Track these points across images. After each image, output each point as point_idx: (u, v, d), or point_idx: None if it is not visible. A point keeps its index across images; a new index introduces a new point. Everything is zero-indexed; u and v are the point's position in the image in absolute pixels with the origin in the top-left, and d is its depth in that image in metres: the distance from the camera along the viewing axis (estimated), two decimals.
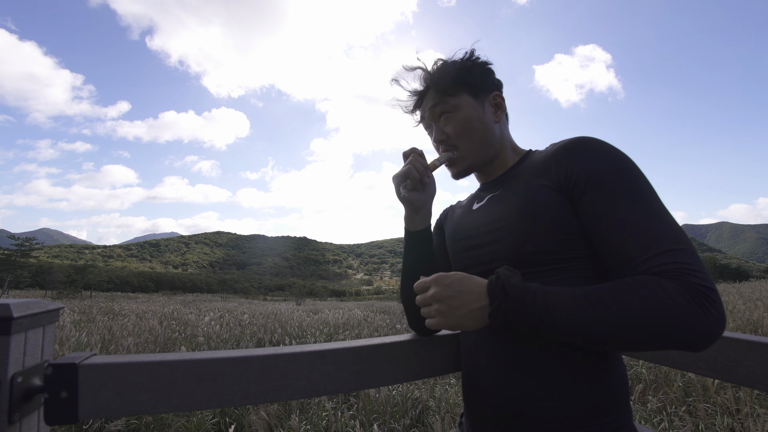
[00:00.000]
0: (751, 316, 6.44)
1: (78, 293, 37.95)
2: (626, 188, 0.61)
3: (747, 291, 12.38)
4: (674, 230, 0.57)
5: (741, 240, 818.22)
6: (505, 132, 0.84)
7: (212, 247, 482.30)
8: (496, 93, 0.82)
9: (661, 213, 0.59)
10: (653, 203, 0.60)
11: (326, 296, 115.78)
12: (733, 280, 32.62)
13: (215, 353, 0.64)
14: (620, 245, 0.59)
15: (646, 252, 0.56)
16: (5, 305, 0.51)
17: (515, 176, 0.76)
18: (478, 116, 0.79)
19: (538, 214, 0.66)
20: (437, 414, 2.96)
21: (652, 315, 0.51)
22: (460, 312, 0.58)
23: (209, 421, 2.95)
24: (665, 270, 0.54)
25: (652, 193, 0.61)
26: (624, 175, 0.62)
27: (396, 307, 16.80)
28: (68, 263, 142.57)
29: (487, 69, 0.82)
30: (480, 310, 0.58)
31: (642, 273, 0.56)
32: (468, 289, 0.58)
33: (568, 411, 0.60)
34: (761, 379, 0.71)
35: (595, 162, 0.64)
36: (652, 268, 0.55)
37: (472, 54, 0.81)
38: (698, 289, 0.51)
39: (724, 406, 2.88)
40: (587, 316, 0.53)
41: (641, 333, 0.52)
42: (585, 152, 0.65)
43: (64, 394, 0.56)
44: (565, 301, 0.55)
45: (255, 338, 7.19)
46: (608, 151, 0.64)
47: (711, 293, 0.51)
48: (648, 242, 0.56)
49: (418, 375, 0.82)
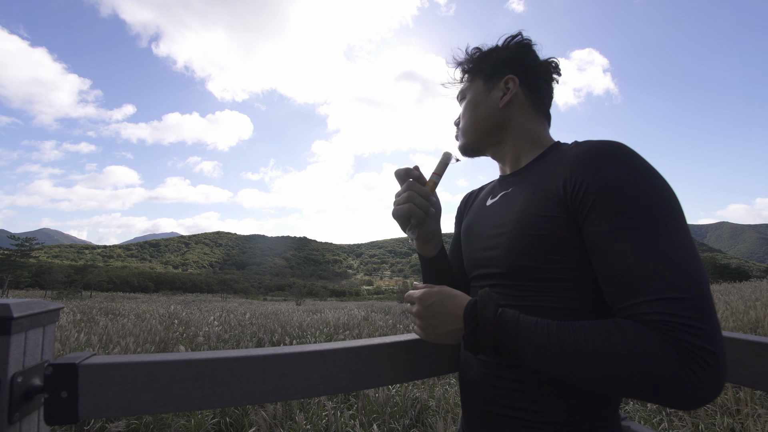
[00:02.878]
0: (751, 316, 6.44)
1: (78, 293, 37.94)
2: (636, 214, 0.51)
3: (747, 291, 12.38)
4: (682, 273, 0.48)
5: (741, 240, 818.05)
6: (517, 118, 0.76)
7: (212, 247, 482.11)
8: (509, 76, 0.75)
9: (672, 249, 0.49)
10: (667, 236, 0.50)
11: (326, 296, 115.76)
12: (733, 280, 32.64)
13: (215, 353, 0.64)
14: (615, 280, 0.52)
15: (638, 295, 0.49)
16: (5, 305, 0.50)
17: (529, 175, 0.70)
18: (480, 99, 0.79)
19: (533, 228, 0.62)
20: (437, 414, 2.95)
21: (621, 368, 0.47)
22: (438, 331, 0.63)
23: (209, 421, 2.95)
24: (652, 320, 0.47)
25: (670, 222, 0.51)
26: (638, 198, 0.52)
27: (396, 307, 16.78)
28: (68, 263, 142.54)
29: (509, 53, 0.77)
30: (456, 331, 0.61)
31: (629, 318, 0.50)
32: (446, 311, 0.62)
33: (553, 410, 0.60)
34: (761, 379, 0.71)
35: (611, 179, 0.54)
36: (639, 314, 0.49)
37: (511, 38, 0.78)
38: (687, 348, 0.45)
39: (724, 407, 2.88)
40: (555, 355, 0.51)
41: (606, 384, 0.49)
42: (603, 165, 0.56)
43: (64, 394, 0.56)
44: (535, 337, 0.53)
45: (255, 338, 7.19)
46: (632, 168, 0.54)
47: (704, 354, 0.44)
48: (643, 283, 0.49)
49: (418, 375, 0.82)
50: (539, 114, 0.77)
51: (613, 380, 0.48)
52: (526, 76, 0.76)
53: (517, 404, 0.63)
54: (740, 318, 6.36)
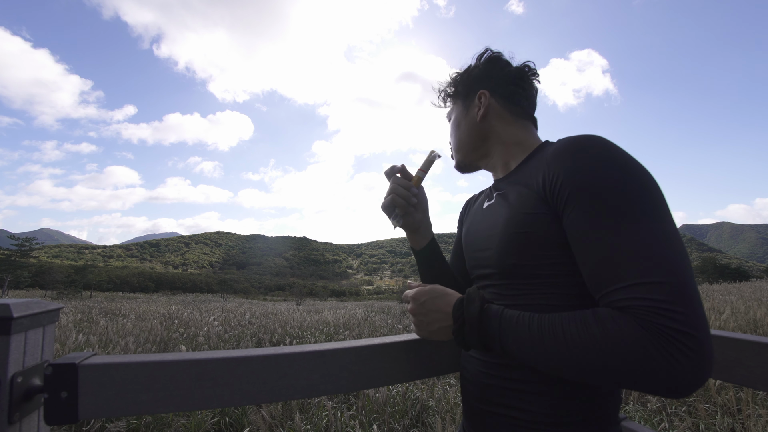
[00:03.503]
0: (751, 317, 6.44)
1: (78, 293, 37.94)
2: (611, 204, 0.51)
3: (747, 291, 12.38)
4: (658, 258, 0.47)
5: (741, 240, 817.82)
6: (497, 127, 0.79)
7: (212, 247, 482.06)
8: (480, 92, 0.80)
9: (648, 236, 0.49)
10: (643, 224, 0.50)
11: (326, 296, 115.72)
12: (733, 280, 32.65)
13: (215, 353, 0.64)
14: (593, 270, 0.52)
15: (614, 282, 0.49)
16: (5, 305, 0.50)
17: (518, 176, 0.73)
18: (460, 119, 0.85)
19: (520, 226, 0.64)
20: (437, 414, 2.95)
21: (597, 356, 0.47)
22: (430, 328, 0.67)
23: (209, 421, 2.95)
24: (629, 306, 0.47)
25: (646, 210, 0.51)
26: (612, 188, 0.52)
27: (396, 307, 16.78)
28: (68, 263, 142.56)
29: (478, 71, 0.83)
30: (447, 327, 0.65)
31: (607, 305, 0.50)
32: (437, 308, 0.66)
33: (553, 410, 0.61)
34: (761, 379, 0.71)
35: (585, 170, 0.55)
36: (616, 301, 0.49)
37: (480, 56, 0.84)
38: (665, 332, 0.44)
39: (724, 407, 2.88)
40: (536, 347, 0.53)
41: (585, 372, 0.49)
42: (577, 157, 0.57)
43: (64, 394, 0.56)
44: (518, 330, 0.55)
45: (255, 338, 7.19)
46: (605, 157, 0.55)
47: (683, 337, 0.43)
48: (619, 271, 0.49)
49: (418, 375, 0.82)
50: (520, 119, 0.80)
51: (591, 368, 0.48)
52: (497, 87, 0.80)
53: (518, 404, 0.63)
54: (740, 318, 6.36)
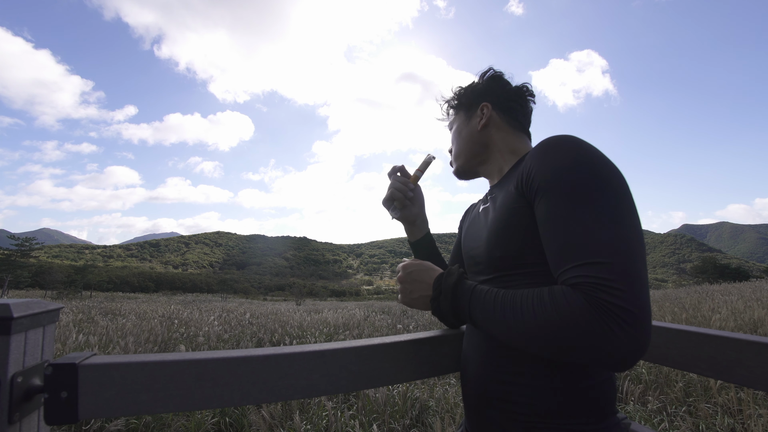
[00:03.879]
0: (751, 316, 6.44)
1: (78, 293, 37.94)
2: (572, 192, 0.56)
3: (747, 291, 12.38)
4: (608, 241, 0.52)
5: (741, 240, 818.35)
6: (495, 136, 0.88)
7: (212, 247, 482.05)
8: (483, 104, 0.89)
9: (602, 222, 0.53)
10: (600, 211, 0.54)
11: (326, 296, 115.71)
12: (733, 279, 32.65)
13: (215, 353, 0.64)
14: (552, 252, 0.57)
15: (568, 261, 0.54)
16: (5, 305, 0.50)
17: (507, 179, 0.79)
18: (461, 128, 0.93)
19: (503, 220, 0.70)
20: (437, 414, 2.95)
21: (548, 327, 0.52)
22: (412, 296, 0.76)
23: (209, 421, 2.95)
24: (579, 283, 0.51)
25: (606, 200, 0.55)
26: (575, 178, 0.57)
27: (396, 307, 16.79)
28: (68, 263, 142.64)
29: (482, 86, 0.91)
30: (426, 297, 0.74)
31: (562, 283, 0.55)
32: (422, 279, 0.75)
33: (554, 406, 0.62)
34: (761, 380, 0.71)
35: (551, 164, 0.60)
36: (568, 279, 0.53)
37: (483, 74, 0.93)
38: (606, 306, 0.48)
39: (725, 407, 2.88)
40: (497, 318, 0.58)
41: (536, 342, 0.54)
42: (546, 154, 0.63)
43: (64, 394, 0.56)
44: (485, 302, 0.61)
45: (255, 338, 7.19)
46: (569, 152, 0.60)
47: (622, 312, 0.47)
48: (572, 252, 0.54)
49: (418, 375, 0.82)
50: (516, 131, 0.88)
51: (542, 338, 0.53)
52: (498, 101, 0.89)
53: (518, 399, 0.64)
54: (740, 318, 6.36)
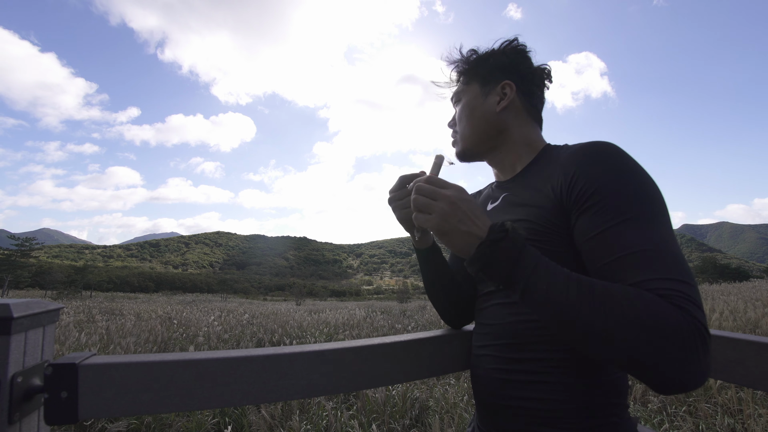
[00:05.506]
0: (750, 316, 6.44)
1: (78, 293, 37.92)
2: (636, 206, 0.55)
3: (747, 291, 12.37)
4: (684, 263, 0.52)
5: (741, 240, 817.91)
6: (513, 123, 0.78)
7: (212, 248, 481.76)
8: (506, 82, 0.77)
9: (672, 241, 0.53)
10: (666, 229, 0.54)
11: (326, 296, 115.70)
12: (733, 280, 32.62)
13: (215, 353, 0.64)
14: (621, 264, 0.53)
15: (654, 273, 0.50)
16: (5, 305, 0.50)
17: (526, 178, 0.74)
18: (477, 104, 0.80)
19: (533, 229, 0.65)
20: (437, 414, 2.95)
21: (633, 325, 0.46)
22: (460, 226, 0.56)
23: (209, 421, 2.95)
24: (669, 295, 0.48)
25: (665, 216, 0.56)
26: (636, 192, 0.56)
27: (396, 307, 16.77)
28: (68, 263, 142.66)
29: (505, 59, 0.78)
30: (473, 237, 0.56)
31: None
32: (476, 215, 0.57)
33: (567, 404, 0.61)
34: (761, 380, 0.71)
35: (603, 176, 0.58)
36: (658, 289, 0.49)
37: (507, 43, 0.80)
38: (699, 327, 0.46)
39: (725, 407, 2.88)
40: (569, 297, 0.49)
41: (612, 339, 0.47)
42: (596, 163, 0.60)
43: (64, 394, 0.56)
44: (556, 274, 0.52)
45: (255, 338, 7.19)
46: (622, 164, 0.58)
47: (707, 338, 0.46)
48: (653, 264, 0.51)
49: (418, 375, 0.82)
50: (532, 119, 0.80)
51: (621, 336, 0.46)
52: (522, 83, 0.78)
53: (532, 395, 0.64)
54: (740, 318, 6.36)
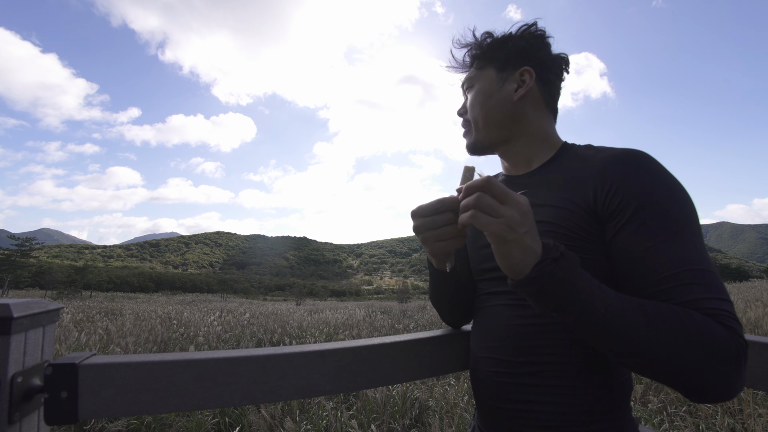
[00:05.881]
0: (750, 316, 6.44)
1: (78, 293, 37.91)
2: (682, 223, 0.55)
3: (747, 291, 12.37)
4: (720, 280, 0.53)
5: (741, 240, 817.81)
6: (530, 115, 0.73)
7: (212, 248, 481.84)
8: (525, 69, 0.72)
9: (708, 257, 0.54)
10: (703, 245, 0.55)
11: (326, 296, 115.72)
12: (734, 279, 32.63)
13: (215, 353, 0.64)
14: (665, 281, 0.53)
15: (700, 293, 0.51)
16: (5, 305, 0.50)
17: (546, 177, 0.69)
18: (492, 91, 0.74)
19: (561, 233, 0.62)
20: (437, 414, 2.95)
21: (686, 344, 0.47)
22: (525, 239, 0.49)
23: (209, 421, 2.95)
24: (717, 315, 0.50)
25: (700, 231, 0.56)
26: (676, 208, 0.56)
27: (396, 307, 16.77)
28: (68, 263, 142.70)
29: (525, 43, 0.73)
30: (533, 254, 0.49)
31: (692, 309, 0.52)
32: (536, 231, 0.51)
33: (569, 407, 0.61)
34: (761, 380, 0.71)
35: (646, 188, 0.57)
36: (704, 309, 0.50)
37: (526, 27, 0.74)
38: (745, 348, 0.49)
39: (725, 407, 2.88)
40: (625, 318, 0.48)
41: (665, 359, 0.47)
42: (637, 174, 0.58)
43: (64, 394, 0.56)
44: (608, 294, 0.50)
45: (255, 338, 7.19)
46: (661, 177, 0.58)
47: (745, 360, 0.48)
48: (702, 284, 0.51)
49: (418, 375, 0.82)
50: (549, 111, 0.75)
51: (685, 357, 0.47)
52: (541, 70, 0.73)
53: (534, 398, 0.63)
54: (740, 318, 6.36)
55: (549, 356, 0.63)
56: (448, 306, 0.84)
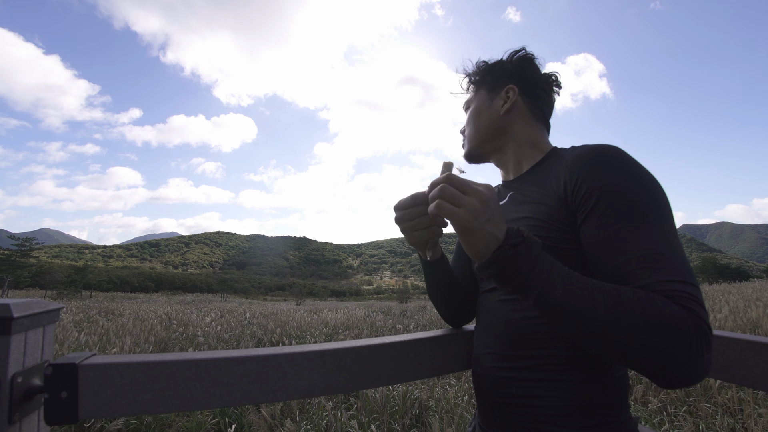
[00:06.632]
0: (751, 316, 6.44)
1: (78, 293, 37.90)
2: (642, 211, 0.56)
3: (747, 291, 12.38)
4: (687, 264, 0.54)
5: (741, 240, 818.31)
6: (517, 125, 0.82)
7: (212, 248, 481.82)
8: (510, 87, 0.82)
9: (676, 242, 0.55)
10: (670, 231, 0.56)
11: (326, 296, 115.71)
12: (733, 279, 32.63)
13: (215, 353, 0.64)
14: (628, 266, 0.54)
15: (660, 276, 0.52)
16: (5, 305, 0.50)
17: (532, 178, 0.76)
18: (482, 108, 0.85)
19: (539, 227, 0.66)
20: (437, 414, 2.95)
21: (646, 326, 0.48)
22: (486, 227, 0.52)
23: (209, 421, 2.95)
24: (676, 296, 0.50)
25: (669, 218, 0.57)
26: (640, 197, 0.57)
27: (396, 307, 16.78)
28: (68, 263, 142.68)
29: (511, 66, 0.84)
30: (494, 239, 0.53)
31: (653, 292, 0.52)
32: (501, 218, 0.55)
33: (569, 401, 0.61)
34: (761, 380, 0.71)
35: (610, 180, 0.59)
36: (665, 291, 0.51)
37: (515, 53, 0.85)
38: (706, 330, 0.49)
39: (725, 407, 2.88)
40: (584, 300, 0.50)
41: (626, 340, 0.48)
42: (601, 166, 0.61)
43: (64, 394, 0.56)
44: (570, 277, 0.52)
45: (255, 338, 7.19)
46: (627, 169, 0.60)
47: (711, 340, 0.49)
48: (661, 266, 0.53)
49: (419, 375, 0.82)
50: (538, 122, 0.83)
51: (634, 336, 0.48)
52: (526, 86, 0.83)
53: (533, 393, 0.64)
54: (740, 318, 6.36)
55: (547, 350, 0.64)
56: (440, 299, 0.88)
